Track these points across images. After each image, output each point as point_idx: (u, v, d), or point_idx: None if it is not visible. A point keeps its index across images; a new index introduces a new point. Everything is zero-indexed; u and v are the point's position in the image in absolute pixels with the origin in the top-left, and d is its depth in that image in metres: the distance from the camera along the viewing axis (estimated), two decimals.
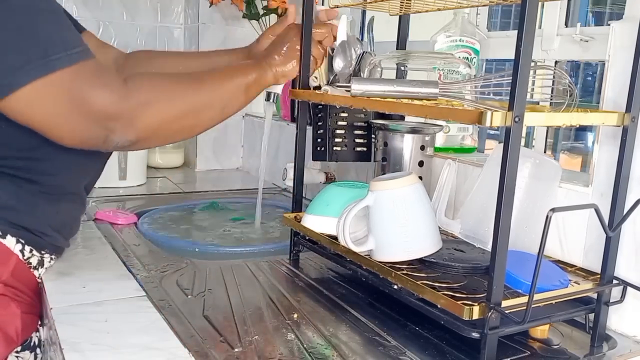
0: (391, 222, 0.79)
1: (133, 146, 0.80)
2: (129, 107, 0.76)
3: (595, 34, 1.05)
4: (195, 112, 0.84)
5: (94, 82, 0.74)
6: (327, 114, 1.11)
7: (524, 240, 0.79)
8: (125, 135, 0.77)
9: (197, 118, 0.85)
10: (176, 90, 0.82)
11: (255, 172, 1.84)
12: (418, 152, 0.99)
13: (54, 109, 0.74)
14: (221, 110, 0.87)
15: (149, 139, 0.81)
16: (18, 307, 0.83)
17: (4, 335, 0.81)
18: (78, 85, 0.73)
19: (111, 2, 1.89)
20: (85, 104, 0.74)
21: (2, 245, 0.82)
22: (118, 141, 0.77)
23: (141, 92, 0.77)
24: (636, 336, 0.79)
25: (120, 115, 0.75)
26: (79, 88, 0.73)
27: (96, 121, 0.75)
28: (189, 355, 0.68)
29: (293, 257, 1.04)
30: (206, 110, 0.86)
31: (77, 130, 0.76)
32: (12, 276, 0.83)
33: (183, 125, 0.84)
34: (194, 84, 0.85)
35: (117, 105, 0.75)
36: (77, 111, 0.74)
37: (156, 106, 0.79)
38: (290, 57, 0.95)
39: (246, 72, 0.90)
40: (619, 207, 0.73)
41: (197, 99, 0.84)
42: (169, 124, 0.81)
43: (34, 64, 0.70)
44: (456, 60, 1.03)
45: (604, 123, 0.73)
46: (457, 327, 0.69)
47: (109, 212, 1.25)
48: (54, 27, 0.74)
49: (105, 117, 0.74)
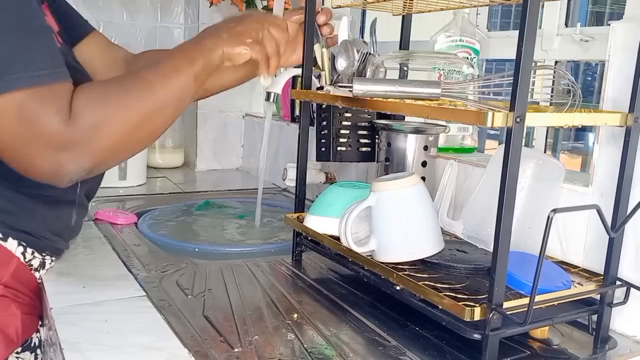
0: (393, 222, 0.79)
1: (90, 173, 0.73)
2: (77, 133, 0.68)
3: (595, 34, 1.05)
4: (150, 119, 0.76)
5: (45, 108, 0.67)
6: (330, 114, 1.11)
7: (526, 241, 0.79)
8: (79, 164, 0.70)
9: (153, 124, 0.77)
10: (125, 100, 0.74)
11: (255, 172, 1.84)
12: (421, 153, 0.99)
13: (3, 131, 0.67)
14: (175, 107, 0.79)
15: (106, 161, 0.75)
16: (18, 308, 0.83)
17: (4, 336, 0.81)
18: (28, 110, 0.66)
19: (111, 2, 1.89)
20: (31, 131, 0.67)
21: (3, 248, 0.82)
22: (72, 173, 0.70)
23: (88, 112, 0.69)
24: (636, 336, 0.79)
25: (68, 144, 0.68)
26: (27, 113, 0.66)
27: (43, 151, 0.68)
28: (189, 355, 0.68)
29: (295, 257, 1.04)
30: (160, 113, 0.78)
31: (22, 158, 0.70)
32: (13, 278, 0.83)
33: (139, 137, 0.76)
34: (142, 88, 0.76)
35: (64, 134, 0.67)
36: (22, 138, 0.67)
37: (108, 124, 0.71)
38: (240, 41, 0.84)
39: (192, 59, 0.81)
40: (622, 208, 0.73)
41: (148, 105, 0.75)
42: (124, 140, 0.74)
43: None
44: (459, 60, 1.03)
45: (606, 123, 0.73)
46: (459, 328, 0.68)
47: (109, 212, 1.25)
48: (18, 45, 0.67)
49: (53, 147, 0.68)
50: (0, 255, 0.81)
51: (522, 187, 0.79)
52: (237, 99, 1.96)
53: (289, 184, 1.24)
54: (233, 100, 1.95)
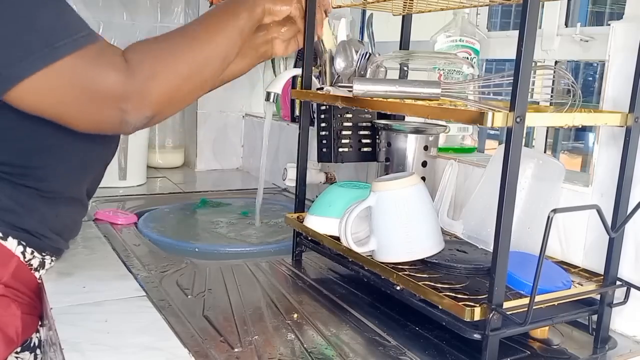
0: (393, 222, 0.79)
1: (150, 122, 0.78)
2: (137, 84, 0.74)
3: (595, 34, 1.05)
4: (199, 70, 0.82)
5: (99, 65, 0.73)
6: (331, 115, 1.11)
7: (527, 241, 0.79)
8: (140, 112, 0.75)
9: (201, 76, 0.83)
10: (176, 53, 0.80)
11: (255, 172, 1.84)
12: (421, 153, 0.98)
13: (63, 97, 0.72)
14: (222, 60, 0.85)
15: (164, 110, 0.80)
16: (18, 308, 0.83)
17: (4, 336, 0.80)
18: (84, 71, 0.72)
19: (111, 2, 1.89)
20: (94, 88, 0.73)
21: (4, 247, 0.82)
22: (135, 121, 0.76)
23: (144, 66, 0.76)
24: (636, 336, 0.79)
25: (130, 94, 0.74)
26: (85, 73, 0.72)
27: (107, 104, 0.74)
28: (189, 355, 0.68)
29: (295, 257, 1.04)
30: (209, 65, 0.83)
31: (89, 115, 0.75)
32: (13, 277, 0.82)
33: (190, 88, 0.82)
34: (190, 42, 0.82)
35: (125, 85, 0.73)
36: (86, 97, 0.73)
37: (162, 76, 0.77)
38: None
39: (236, 13, 0.87)
40: (622, 208, 0.73)
41: (197, 57, 0.82)
42: (178, 89, 0.79)
43: (38, 53, 0.69)
44: (459, 60, 1.03)
45: (606, 123, 0.73)
46: (459, 328, 0.68)
47: (109, 212, 1.25)
48: (55, 13, 0.72)
49: (116, 99, 0.73)
50: (0, 254, 0.81)
51: (522, 187, 0.79)
52: (237, 99, 1.96)
53: (289, 184, 1.24)
54: (233, 100, 1.95)
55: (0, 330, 0.80)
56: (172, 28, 0.87)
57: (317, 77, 1.14)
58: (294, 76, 1.36)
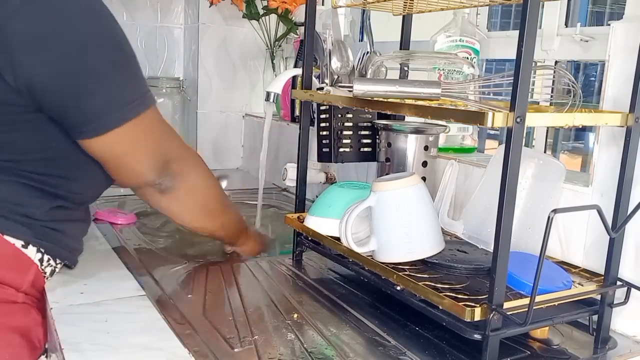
0: (393, 223, 0.79)
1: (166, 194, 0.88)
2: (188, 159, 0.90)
3: (595, 34, 1.05)
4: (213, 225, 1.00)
5: (164, 125, 0.86)
6: (331, 115, 1.11)
7: (527, 242, 0.79)
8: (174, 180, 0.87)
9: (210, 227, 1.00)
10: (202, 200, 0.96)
11: (255, 172, 1.83)
12: (422, 153, 0.98)
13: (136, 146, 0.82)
14: (220, 226, 1.02)
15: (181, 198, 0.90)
16: (38, 314, 0.83)
17: (29, 343, 0.80)
18: (158, 125, 0.84)
19: (111, 2, 1.87)
20: (160, 144, 0.85)
21: (24, 256, 0.81)
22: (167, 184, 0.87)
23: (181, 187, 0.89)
24: (636, 336, 0.79)
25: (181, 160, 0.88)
26: (158, 128, 0.84)
27: (162, 163, 0.85)
28: (189, 355, 0.68)
29: (295, 257, 1.04)
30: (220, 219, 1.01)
31: (143, 169, 0.84)
32: (32, 285, 0.82)
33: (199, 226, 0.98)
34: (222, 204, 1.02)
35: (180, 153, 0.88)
36: (152, 150, 0.84)
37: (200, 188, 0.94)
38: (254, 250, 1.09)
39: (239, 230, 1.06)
40: (622, 208, 0.73)
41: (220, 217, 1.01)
42: (201, 203, 0.96)
43: (140, 100, 0.79)
44: (459, 60, 1.03)
45: (606, 123, 0.73)
46: (459, 328, 0.68)
47: (109, 212, 1.25)
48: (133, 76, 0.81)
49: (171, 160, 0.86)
50: (22, 262, 0.81)
51: (523, 187, 0.79)
52: (237, 99, 1.96)
53: (289, 184, 1.24)
54: (233, 100, 1.95)
55: (25, 337, 0.79)
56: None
57: (317, 77, 1.14)
58: (294, 76, 1.36)
